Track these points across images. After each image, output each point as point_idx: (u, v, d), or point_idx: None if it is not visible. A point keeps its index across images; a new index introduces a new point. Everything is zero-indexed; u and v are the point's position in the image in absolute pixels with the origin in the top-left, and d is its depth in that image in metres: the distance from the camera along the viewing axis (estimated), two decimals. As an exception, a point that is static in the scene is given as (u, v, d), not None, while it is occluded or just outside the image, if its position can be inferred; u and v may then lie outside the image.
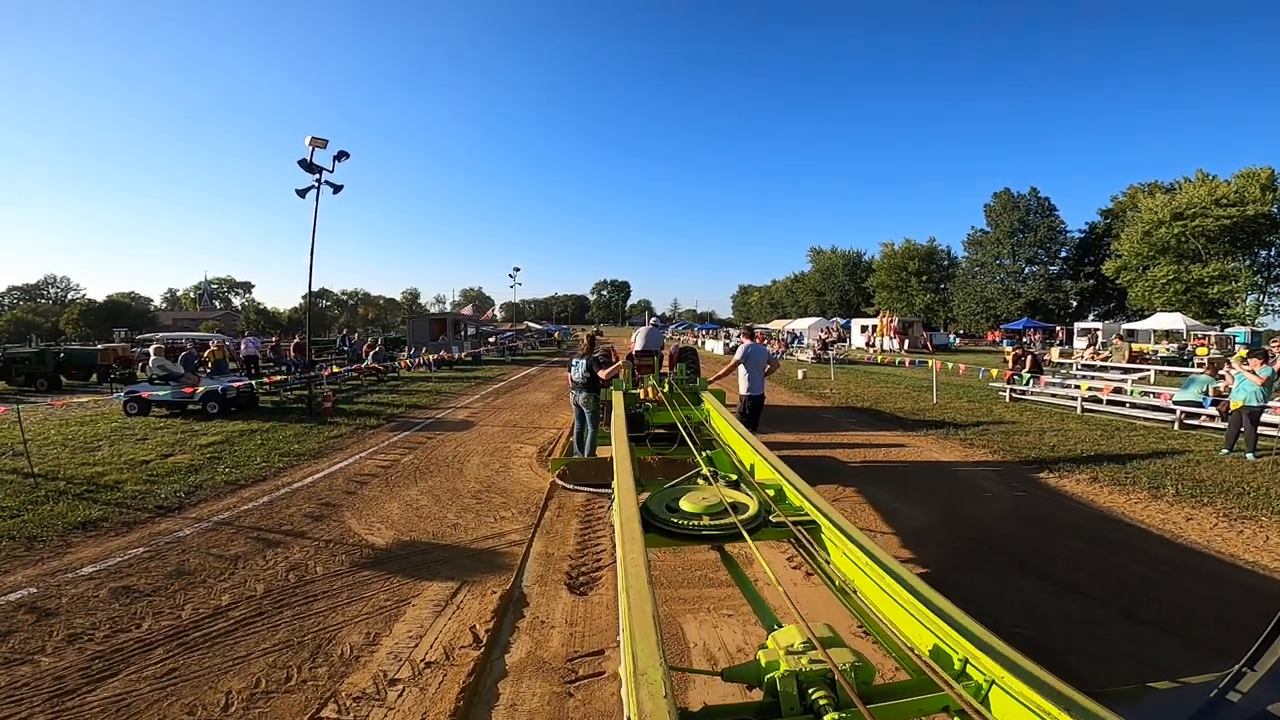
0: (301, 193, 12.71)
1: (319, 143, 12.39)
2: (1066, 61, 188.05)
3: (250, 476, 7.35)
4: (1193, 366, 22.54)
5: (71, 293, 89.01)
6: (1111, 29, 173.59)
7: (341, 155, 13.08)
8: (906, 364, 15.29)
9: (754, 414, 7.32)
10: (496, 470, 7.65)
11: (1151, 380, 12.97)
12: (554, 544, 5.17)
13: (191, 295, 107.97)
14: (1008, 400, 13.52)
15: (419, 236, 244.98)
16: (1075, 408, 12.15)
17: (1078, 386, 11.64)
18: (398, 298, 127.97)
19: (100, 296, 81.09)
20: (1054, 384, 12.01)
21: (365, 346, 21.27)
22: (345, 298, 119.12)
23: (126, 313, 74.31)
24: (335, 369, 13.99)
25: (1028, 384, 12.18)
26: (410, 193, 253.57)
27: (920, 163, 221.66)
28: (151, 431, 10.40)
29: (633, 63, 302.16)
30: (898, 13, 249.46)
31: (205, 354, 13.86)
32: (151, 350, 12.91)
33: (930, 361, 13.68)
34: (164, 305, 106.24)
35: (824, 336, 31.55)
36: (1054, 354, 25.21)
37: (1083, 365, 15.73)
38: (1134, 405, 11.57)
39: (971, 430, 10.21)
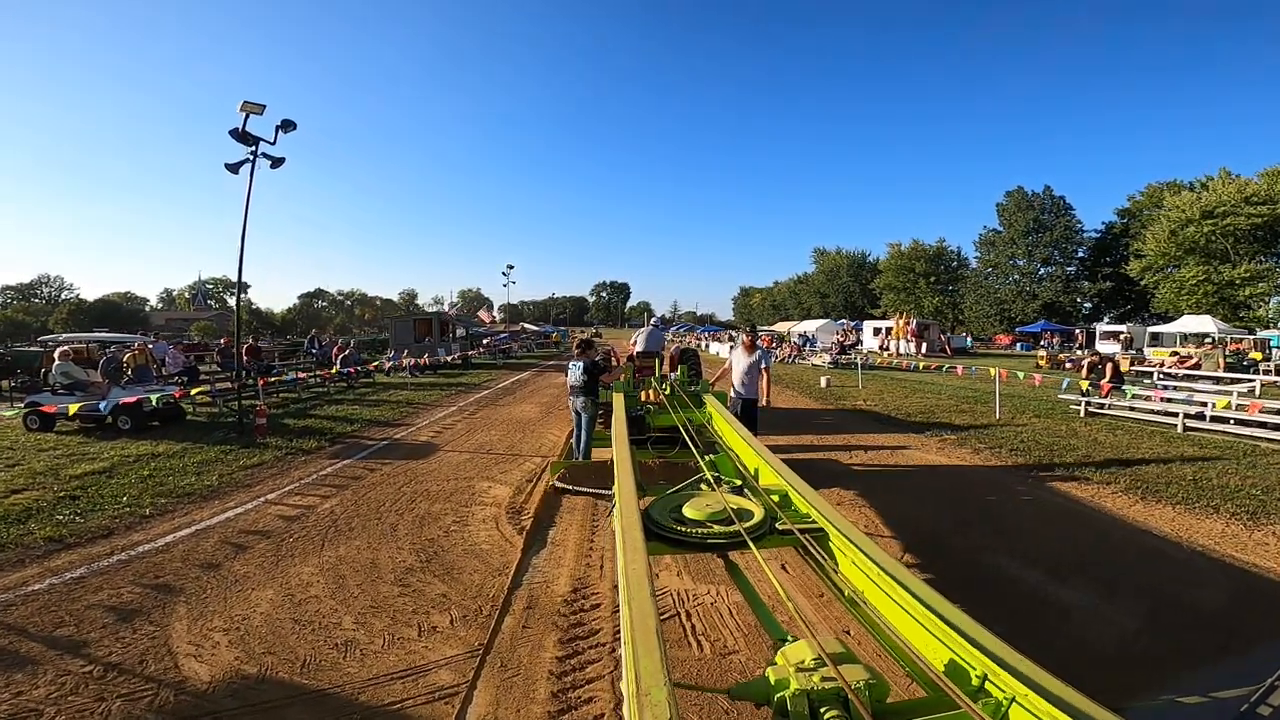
0: (233, 168, 10.52)
1: (253, 108, 10.13)
2: (1067, 61, 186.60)
3: (90, 530, 5.14)
4: (1254, 372, 20.64)
5: (65, 292, 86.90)
6: (1112, 28, 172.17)
7: (286, 125, 10.89)
8: (959, 371, 12.99)
9: (749, 416, 6.67)
10: (448, 528, 5.40)
11: (1258, 392, 10.79)
12: (511, 694, 2.95)
13: (186, 295, 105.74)
14: (1083, 415, 11.37)
15: (418, 237, 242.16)
16: (1175, 425, 9.96)
17: (1204, 403, 9.42)
18: (395, 298, 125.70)
19: (97, 297, 79.11)
20: (1176, 400, 9.74)
21: (335, 349, 19.07)
22: (341, 298, 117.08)
23: (118, 313, 72.06)
24: (278, 377, 11.90)
25: (1128, 396, 9.93)
26: (409, 193, 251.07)
27: (921, 163, 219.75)
28: (33, 454, 8.26)
29: (633, 62, 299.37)
30: (898, 13, 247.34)
31: (126, 358, 11.67)
32: (56, 354, 10.70)
33: (993, 370, 11.46)
34: (160, 305, 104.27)
35: (841, 339, 29.27)
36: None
37: (1163, 374, 13.54)
38: (1239, 422, 9.45)
39: (1070, 459, 8.02)
